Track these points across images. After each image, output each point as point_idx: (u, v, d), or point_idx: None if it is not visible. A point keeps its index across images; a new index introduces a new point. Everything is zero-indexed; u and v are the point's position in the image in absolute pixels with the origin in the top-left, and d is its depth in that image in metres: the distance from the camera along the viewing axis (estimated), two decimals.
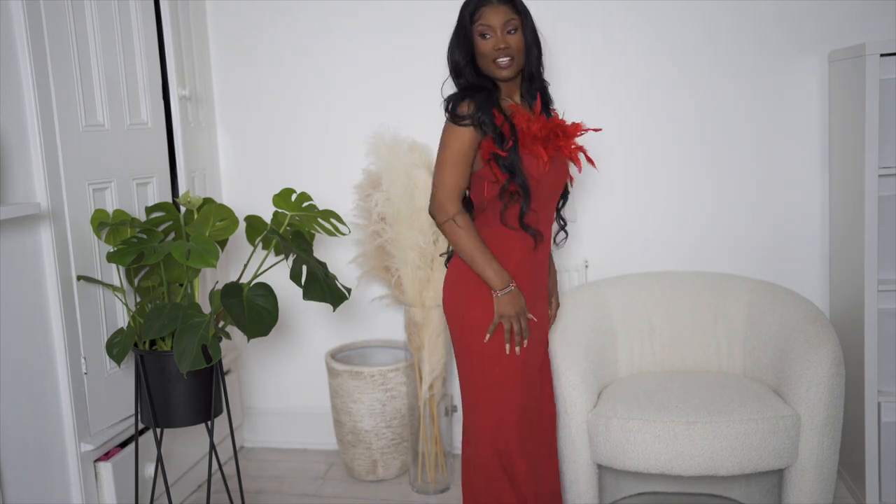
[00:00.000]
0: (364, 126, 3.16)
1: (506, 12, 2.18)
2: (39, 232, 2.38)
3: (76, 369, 2.47)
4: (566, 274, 3.15)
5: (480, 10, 2.18)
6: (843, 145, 2.85)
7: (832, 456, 2.43)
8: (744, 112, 3.06)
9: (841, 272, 2.92)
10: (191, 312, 2.40)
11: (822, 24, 2.96)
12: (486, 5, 2.18)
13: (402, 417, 3.15)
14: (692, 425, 2.37)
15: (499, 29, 2.17)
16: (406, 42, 3.22)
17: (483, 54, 2.20)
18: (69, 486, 2.48)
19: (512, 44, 2.18)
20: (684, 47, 3.06)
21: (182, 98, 3.07)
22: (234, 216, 2.67)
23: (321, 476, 3.26)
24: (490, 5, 2.18)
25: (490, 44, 2.18)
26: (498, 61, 2.18)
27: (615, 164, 3.14)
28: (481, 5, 2.19)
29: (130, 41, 2.77)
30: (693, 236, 3.15)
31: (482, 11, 2.18)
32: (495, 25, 2.17)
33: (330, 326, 3.44)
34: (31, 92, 2.32)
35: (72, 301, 2.46)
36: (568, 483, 2.51)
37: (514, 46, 2.19)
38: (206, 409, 2.51)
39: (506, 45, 2.17)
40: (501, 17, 2.17)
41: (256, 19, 3.33)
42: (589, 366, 2.55)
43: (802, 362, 2.45)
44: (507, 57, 2.18)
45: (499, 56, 2.18)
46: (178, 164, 3.07)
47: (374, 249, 3.06)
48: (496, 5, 2.18)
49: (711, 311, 2.85)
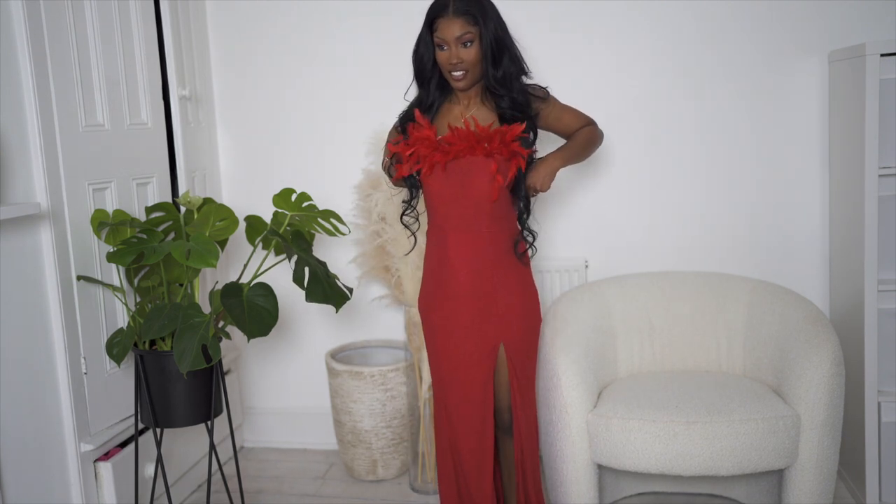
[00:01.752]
0: (364, 126, 3.16)
1: (461, 25, 2.20)
2: (39, 232, 2.38)
3: (76, 369, 2.47)
4: (566, 274, 3.15)
5: (437, 22, 2.24)
6: (843, 145, 2.85)
7: (832, 456, 2.43)
8: (744, 112, 3.06)
9: (841, 272, 2.92)
10: (191, 312, 2.40)
11: (822, 24, 2.96)
12: (442, 17, 2.22)
13: (402, 417, 3.15)
14: (692, 425, 2.37)
15: (452, 43, 2.22)
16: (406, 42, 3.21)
17: (441, 65, 2.28)
18: (69, 486, 2.48)
19: (465, 57, 2.22)
20: (685, 47, 3.06)
21: (182, 98, 3.07)
22: (234, 216, 2.67)
23: (321, 476, 3.26)
24: (446, 18, 2.22)
25: (444, 56, 2.25)
26: (452, 74, 2.26)
27: (615, 165, 3.14)
28: (437, 16, 2.23)
29: (130, 41, 2.77)
30: (693, 236, 3.15)
31: (438, 23, 2.24)
32: (449, 39, 2.22)
33: (330, 326, 3.44)
34: (31, 92, 2.32)
35: (72, 301, 2.46)
36: (568, 483, 2.51)
37: (468, 60, 2.23)
38: (206, 409, 2.51)
39: (458, 60, 2.23)
40: (456, 30, 2.21)
41: (256, 19, 3.33)
42: (589, 366, 2.55)
43: (802, 362, 2.45)
44: (461, 71, 2.24)
45: (452, 70, 2.25)
46: (178, 164, 3.07)
47: (374, 249, 3.06)
48: (451, 18, 2.21)
49: (711, 311, 2.85)
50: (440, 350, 2.41)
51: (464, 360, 2.37)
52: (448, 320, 2.38)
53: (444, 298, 2.38)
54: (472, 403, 2.38)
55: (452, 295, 2.37)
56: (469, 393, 2.38)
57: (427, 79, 2.34)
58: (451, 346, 2.38)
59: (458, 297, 2.36)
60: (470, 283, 2.34)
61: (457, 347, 2.37)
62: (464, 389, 2.38)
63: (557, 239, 3.19)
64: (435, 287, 2.40)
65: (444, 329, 2.39)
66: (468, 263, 2.34)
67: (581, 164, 3.07)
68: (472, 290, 2.35)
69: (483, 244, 2.33)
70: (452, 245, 2.34)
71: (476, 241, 2.33)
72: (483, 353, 2.37)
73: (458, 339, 2.37)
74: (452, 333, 2.37)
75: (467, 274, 2.34)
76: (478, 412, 2.38)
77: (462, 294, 2.35)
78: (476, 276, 2.34)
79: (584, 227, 3.19)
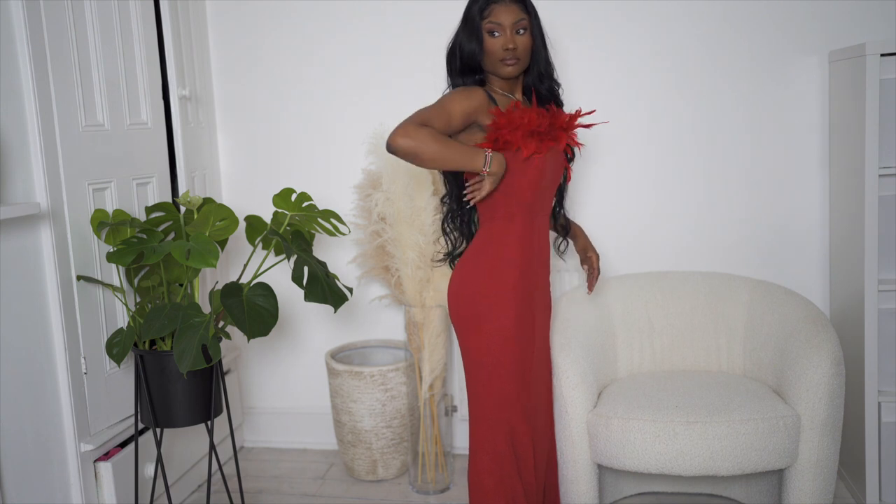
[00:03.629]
0: (364, 126, 3.16)
1: (516, 12, 2.16)
2: (39, 232, 2.38)
3: (76, 369, 2.47)
4: (566, 274, 3.15)
5: (491, 7, 2.16)
6: (843, 145, 2.85)
7: (832, 456, 2.43)
8: (744, 112, 3.06)
9: (841, 272, 2.92)
10: (191, 312, 2.40)
11: (822, 24, 2.96)
12: (497, 2, 2.16)
13: (402, 417, 3.15)
14: (692, 425, 2.37)
15: (508, 28, 2.16)
16: (406, 41, 3.22)
17: (490, 52, 2.18)
18: (69, 486, 2.48)
19: (520, 44, 2.17)
20: (685, 47, 3.06)
21: (182, 98, 3.07)
22: (234, 216, 2.66)
23: (321, 476, 3.26)
24: (502, 3, 2.16)
25: (499, 42, 2.16)
26: (505, 61, 2.17)
27: (616, 165, 3.14)
28: (492, 2, 2.16)
29: (130, 41, 2.77)
30: (693, 236, 3.15)
31: (493, 8, 2.16)
32: (505, 24, 2.15)
33: (330, 326, 3.44)
34: (31, 92, 2.32)
35: (72, 301, 2.46)
36: (568, 483, 2.51)
37: (522, 47, 2.18)
38: (206, 409, 2.51)
39: (514, 46, 2.16)
40: (512, 16, 2.16)
41: (256, 19, 3.33)
42: (589, 366, 2.55)
43: (802, 362, 2.45)
44: (515, 58, 2.18)
45: (507, 56, 2.17)
46: (178, 164, 3.07)
47: (374, 249, 3.06)
48: (507, 4, 2.16)
49: (711, 311, 2.85)
50: (522, 352, 2.27)
51: (534, 363, 2.34)
52: (527, 315, 2.27)
53: (530, 289, 2.27)
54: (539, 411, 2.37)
55: (533, 292, 2.29)
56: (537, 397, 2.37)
57: (477, 68, 2.23)
58: (528, 351, 2.29)
59: (537, 287, 2.31)
60: (546, 270, 2.36)
61: (531, 350, 2.31)
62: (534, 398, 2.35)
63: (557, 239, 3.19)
64: (518, 278, 2.23)
65: (523, 319, 2.25)
66: (546, 252, 2.34)
67: (581, 164, 3.08)
68: (545, 283, 2.36)
69: (547, 232, 2.35)
70: (537, 230, 2.28)
71: (545, 229, 2.33)
72: (545, 353, 2.41)
73: (531, 341, 2.30)
74: (530, 333, 2.29)
75: (546, 264, 2.35)
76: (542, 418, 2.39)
77: (541, 285, 2.34)
78: (545, 265, 2.36)
79: (585, 227, 3.17)
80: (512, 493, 2.24)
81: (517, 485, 2.25)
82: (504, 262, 2.23)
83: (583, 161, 3.03)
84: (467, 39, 2.20)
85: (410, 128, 2.03)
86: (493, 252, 2.24)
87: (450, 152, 2.07)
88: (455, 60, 2.25)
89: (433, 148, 2.03)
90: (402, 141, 2.02)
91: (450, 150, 2.07)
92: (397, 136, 2.03)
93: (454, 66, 2.26)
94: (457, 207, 2.38)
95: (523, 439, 2.26)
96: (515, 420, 2.25)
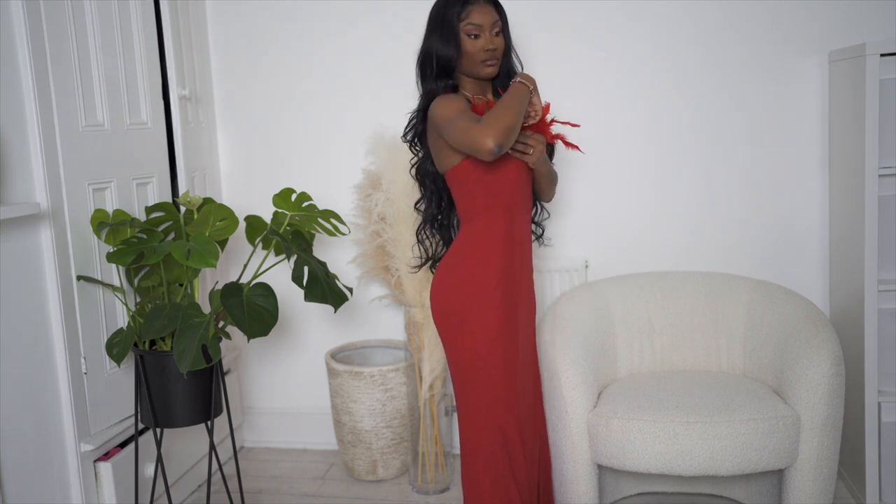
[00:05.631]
0: (364, 126, 3.16)
1: (492, 13, 2.20)
2: (39, 232, 2.38)
3: (76, 369, 2.47)
4: (566, 274, 3.15)
5: (468, 9, 2.18)
6: (843, 145, 2.85)
7: (832, 456, 2.43)
8: (743, 112, 3.06)
9: (841, 272, 2.92)
10: (191, 312, 2.40)
11: (822, 24, 2.96)
12: (473, 4, 2.18)
13: (402, 417, 3.15)
14: (692, 425, 2.37)
15: (488, 29, 2.19)
16: (406, 41, 3.22)
17: (470, 54, 2.19)
18: (69, 486, 2.48)
19: (498, 45, 2.21)
20: (684, 47, 3.06)
21: (182, 98, 3.07)
22: (234, 216, 2.67)
23: (321, 476, 3.26)
24: (478, 5, 2.18)
25: (479, 44, 2.18)
26: (487, 62, 2.20)
27: (615, 165, 3.14)
28: (468, 4, 2.18)
29: (130, 41, 2.77)
30: (693, 236, 3.15)
31: (470, 10, 2.18)
32: (485, 25, 2.18)
33: (330, 326, 3.44)
34: (31, 92, 2.32)
35: (72, 301, 2.46)
36: (568, 483, 2.51)
37: (500, 48, 2.22)
38: (206, 409, 2.51)
39: (494, 47, 2.19)
40: (490, 17, 2.19)
41: (256, 19, 3.33)
42: (589, 366, 2.55)
43: (802, 362, 2.45)
44: (495, 59, 2.21)
45: (488, 57, 2.19)
46: (178, 164, 3.07)
47: (374, 249, 3.06)
48: (484, 5, 2.19)
49: (711, 311, 2.85)
50: (508, 350, 2.26)
51: (520, 364, 2.33)
52: (511, 312, 2.26)
53: (513, 287, 2.26)
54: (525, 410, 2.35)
55: (517, 290, 2.28)
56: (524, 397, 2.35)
57: (452, 70, 2.23)
58: (513, 349, 2.28)
59: (520, 284, 2.30)
60: (529, 268, 2.35)
61: (517, 348, 2.30)
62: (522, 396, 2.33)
63: (557, 239, 3.19)
64: (501, 277, 2.23)
65: (507, 317, 2.24)
66: (527, 249, 2.33)
67: (581, 164, 3.09)
68: (528, 280, 2.35)
69: (528, 230, 2.34)
70: (518, 228, 2.27)
71: (526, 227, 2.32)
72: (530, 351, 2.39)
73: (516, 339, 2.29)
74: (514, 331, 2.27)
75: (529, 262, 2.33)
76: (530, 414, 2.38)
77: (524, 283, 2.32)
78: (528, 262, 2.35)
79: (584, 227, 3.19)
80: (507, 493, 2.24)
81: (511, 484, 2.25)
82: (486, 262, 2.23)
83: (583, 161, 3.03)
84: (443, 43, 2.20)
85: (478, 127, 2.03)
86: (474, 252, 2.24)
87: (510, 105, 2.08)
88: (428, 66, 2.25)
89: (504, 115, 2.05)
90: (492, 133, 2.00)
91: (508, 105, 2.07)
92: (487, 137, 2.00)
93: (428, 72, 2.26)
94: (437, 212, 2.40)
95: (513, 437, 2.26)
96: (504, 419, 2.24)
